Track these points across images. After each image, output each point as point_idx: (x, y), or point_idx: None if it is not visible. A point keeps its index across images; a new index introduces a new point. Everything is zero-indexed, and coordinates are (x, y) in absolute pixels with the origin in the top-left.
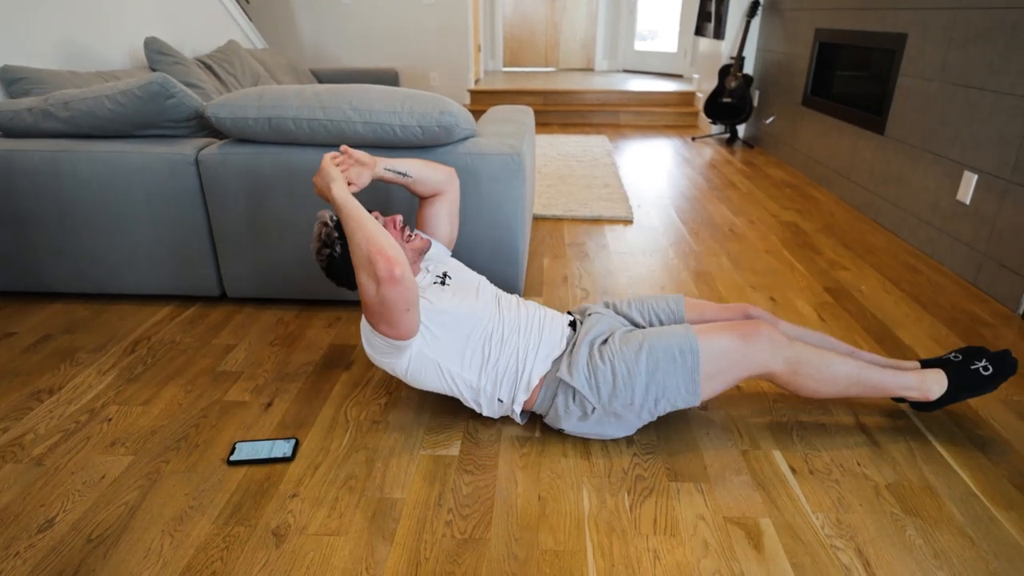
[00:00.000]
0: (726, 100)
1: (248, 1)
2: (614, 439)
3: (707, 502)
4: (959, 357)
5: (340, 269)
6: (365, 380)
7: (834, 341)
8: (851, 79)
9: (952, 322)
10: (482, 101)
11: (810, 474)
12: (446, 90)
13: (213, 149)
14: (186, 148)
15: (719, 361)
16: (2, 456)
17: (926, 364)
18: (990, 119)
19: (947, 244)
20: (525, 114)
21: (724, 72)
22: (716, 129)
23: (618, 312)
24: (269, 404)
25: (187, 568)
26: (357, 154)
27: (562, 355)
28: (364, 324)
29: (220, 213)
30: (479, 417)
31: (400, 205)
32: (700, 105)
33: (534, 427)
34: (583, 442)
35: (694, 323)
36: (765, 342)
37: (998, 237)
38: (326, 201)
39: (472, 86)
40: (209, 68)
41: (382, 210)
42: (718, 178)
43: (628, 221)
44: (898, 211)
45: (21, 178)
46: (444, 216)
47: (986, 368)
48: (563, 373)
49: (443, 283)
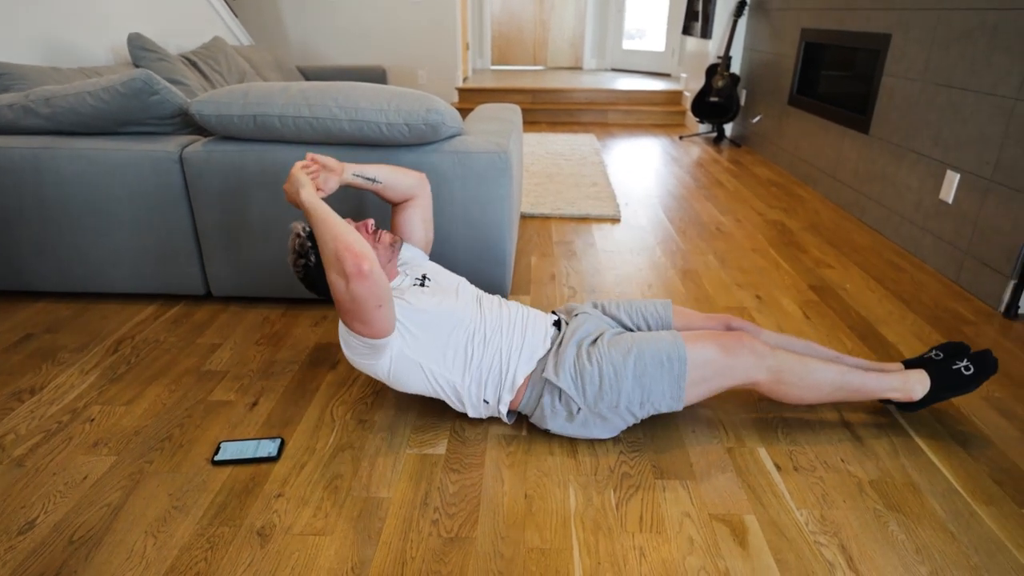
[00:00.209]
0: (713, 99)
1: None
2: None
3: (692, 499)
4: (940, 355)
5: (316, 279)
6: (351, 379)
7: (819, 348)
8: (836, 79)
9: (935, 320)
10: (470, 99)
11: (794, 471)
12: (434, 88)
13: (198, 146)
14: (170, 145)
15: (704, 369)
16: None
17: (909, 364)
18: (972, 119)
19: (930, 242)
20: (513, 112)
21: (711, 71)
22: (703, 128)
23: (606, 313)
24: (254, 403)
25: (171, 569)
26: (324, 160)
27: (547, 354)
28: (341, 326)
29: (205, 211)
30: (465, 416)
31: (373, 212)
32: (687, 104)
33: (521, 426)
34: (570, 440)
35: (680, 330)
36: (747, 353)
37: (980, 236)
38: (297, 208)
39: (460, 84)
40: (194, 65)
41: (355, 217)
42: (705, 177)
43: (616, 220)
44: (882, 210)
45: (2, 176)
46: (417, 221)
47: (968, 368)
48: (549, 373)
49: (422, 284)
